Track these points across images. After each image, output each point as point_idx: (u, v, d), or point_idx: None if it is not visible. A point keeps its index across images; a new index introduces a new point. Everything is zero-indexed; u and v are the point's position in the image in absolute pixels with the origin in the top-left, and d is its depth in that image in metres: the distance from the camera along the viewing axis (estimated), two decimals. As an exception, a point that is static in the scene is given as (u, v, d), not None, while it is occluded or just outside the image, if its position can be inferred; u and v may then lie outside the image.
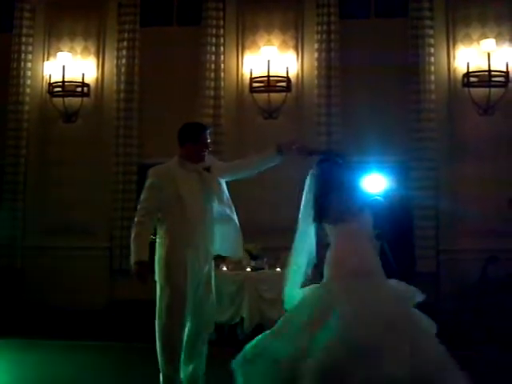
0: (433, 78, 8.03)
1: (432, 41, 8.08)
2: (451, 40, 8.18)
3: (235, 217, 3.90)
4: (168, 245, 3.72)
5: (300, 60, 8.32)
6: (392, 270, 5.62)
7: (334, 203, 3.43)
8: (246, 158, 3.98)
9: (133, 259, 3.65)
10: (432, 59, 8.06)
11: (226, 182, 3.95)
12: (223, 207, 3.83)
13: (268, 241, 7.06)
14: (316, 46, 8.20)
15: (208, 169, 3.81)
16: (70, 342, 6.01)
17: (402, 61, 8.10)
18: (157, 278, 3.73)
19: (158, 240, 3.81)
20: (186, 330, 3.68)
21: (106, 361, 4.09)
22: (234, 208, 3.91)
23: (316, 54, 8.19)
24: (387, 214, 5.98)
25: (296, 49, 8.34)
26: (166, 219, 3.78)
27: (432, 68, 8.04)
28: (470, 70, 7.93)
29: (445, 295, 7.46)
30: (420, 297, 3.47)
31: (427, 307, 7.01)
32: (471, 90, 7.96)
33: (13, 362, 5.13)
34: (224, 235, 3.85)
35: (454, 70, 8.13)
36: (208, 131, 3.89)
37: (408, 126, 7.96)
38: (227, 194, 3.90)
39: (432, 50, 8.07)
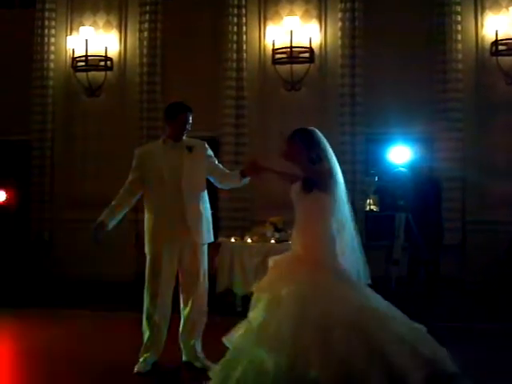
0: (460, 46, 7.84)
1: (459, 8, 7.86)
2: (479, 7, 7.95)
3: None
4: (148, 218, 4.13)
5: (323, 30, 8.20)
6: (417, 241, 5.62)
7: None
8: (226, 174, 4.25)
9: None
10: (459, 27, 7.86)
11: None
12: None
13: (293, 213, 7.07)
14: (340, 15, 8.06)
15: (190, 148, 4.06)
16: (97, 313, 6.15)
17: (428, 30, 7.93)
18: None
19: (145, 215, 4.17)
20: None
21: (134, 330, 4.20)
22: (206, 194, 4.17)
23: (340, 24, 8.05)
24: (412, 186, 5.96)
25: (319, 18, 8.21)
26: (148, 194, 4.13)
27: (459, 36, 7.85)
28: (499, 38, 7.71)
29: (471, 267, 7.41)
30: None
31: (453, 279, 7.02)
32: (499, 58, 7.76)
33: (42, 332, 5.27)
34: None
35: (482, 39, 7.91)
36: (188, 113, 4.08)
37: (434, 97, 7.83)
38: (203, 179, 4.13)
39: (459, 17, 7.87)
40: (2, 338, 5.28)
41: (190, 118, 4.09)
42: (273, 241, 6.52)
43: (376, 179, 6.51)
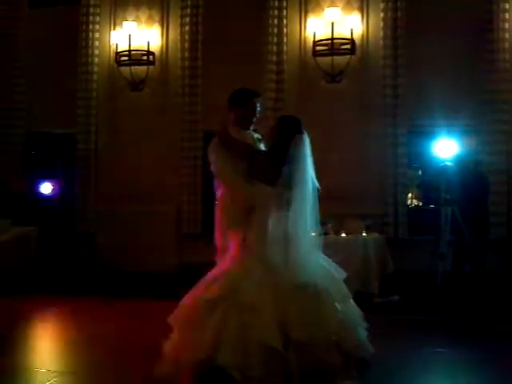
0: (507, 35, 7.62)
1: (507, -5, 7.64)
2: (527, -6, 7.70)
3: None
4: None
5: (365, 21, 8.09)
6: (464, 236, 5.53)
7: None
8: None
9: (267, 199, 3.57)
10: (506, 16, 7.64)
11: None
12: None
13: (333, 207, 7.06)
14: (382, 5, 7.94)
15: (260, 140, 3.89)
16: (140, 302, 6.28)
17: (474, 18, 7.73)
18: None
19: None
20: None
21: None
22: None
23: (382, 14, 7.93)
24: (458, 180, 5.86)
25: (361, 9, 8.10)
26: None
27: (506, 25, 7.63)
28: (549, 27, 7.47)
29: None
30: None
31: (498, 274, 6.86)
32: (549, 48, 7.51)
33: (87, 320, 5.44)
34: None
35: (531, 27, 7.67)
36: (258, 98, 3.86)
37: (480, 88, 7.63)
38: None
39: (507, 5, 7.65)
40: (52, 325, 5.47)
41: (259, 105, 3.86)
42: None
43: (419, 173, 6.42)
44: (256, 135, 3.87)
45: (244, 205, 3.58)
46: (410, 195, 7.88)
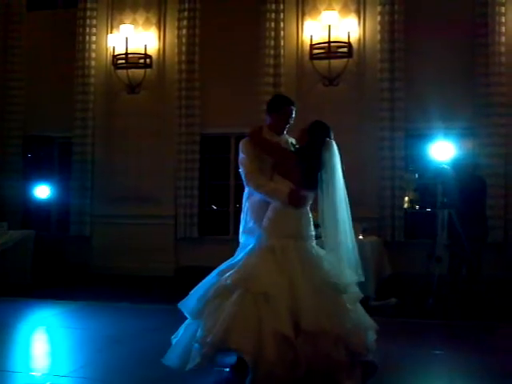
0: (503, 39, 7.64)
1: (503, -1, 7.67)
2: (523, -2, 7.73)
3: None
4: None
5: (362, 24, 8.11)
6: (460, 239, 5.52)
7: None
8: None
9: (283, 195, 3.64)
10: (502, 19, 7.66)
11: None
12: None
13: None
14: (379, 8, 7.96)
15: (293, 145, 3.95)
16: (136, 306, 6.26)
17: (470, 22, 7.75)
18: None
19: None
20: None
21: (171, 322, 4.20)
22: None
23: (379, 18, 7.96)
24: (455, 183, 5.86)
25: (358, 12, 8.12)
26: None
27: (502, 29, 7.65)
28: (545, 30, 7.49)
29: (513, 266, 7.24)
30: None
31: (495, 278, 6.86)
32: (545, 51, 7.53)
33: (83, 325, 5.39)
34: None
35: (527, 31, 7.69)
36: (292, 106, 3.95)
37: (476, 91, 7.65)
38: None
39: (502, 9, 7.67)
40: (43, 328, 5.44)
41: (294, 113, 3.96)
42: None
43: (416, 176, 6.42)
44: (290, 139, 3.97)
45: (264, 202, 3.72)
46: (406, 198, 7.88)
